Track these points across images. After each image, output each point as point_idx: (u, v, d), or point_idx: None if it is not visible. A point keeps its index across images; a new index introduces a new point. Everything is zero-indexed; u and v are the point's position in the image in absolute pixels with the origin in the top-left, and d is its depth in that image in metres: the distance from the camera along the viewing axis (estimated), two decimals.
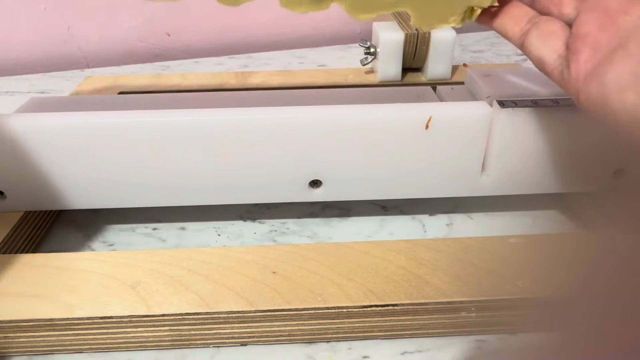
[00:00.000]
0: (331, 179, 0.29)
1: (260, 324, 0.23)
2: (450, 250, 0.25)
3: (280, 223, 0.32)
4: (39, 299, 0.23)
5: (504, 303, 0.23)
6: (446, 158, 0.28)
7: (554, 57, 0.22)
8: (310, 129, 0.27)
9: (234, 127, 0.27)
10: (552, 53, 0.22)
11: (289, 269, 0.24)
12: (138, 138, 0.27)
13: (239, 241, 0.30)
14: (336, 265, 0.24)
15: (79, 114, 0.27)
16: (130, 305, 0.22)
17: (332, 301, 0.22)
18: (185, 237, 0.31)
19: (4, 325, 0.22)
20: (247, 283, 0.23)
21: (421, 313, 0.23)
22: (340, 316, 0.23)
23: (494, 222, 0.31)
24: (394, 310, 0.23)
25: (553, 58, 0.22)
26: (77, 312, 0.22)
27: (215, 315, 0.22)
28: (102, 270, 0.24)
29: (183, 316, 0.22)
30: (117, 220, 0.32)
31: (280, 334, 0.23)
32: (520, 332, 0.15)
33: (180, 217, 0.32)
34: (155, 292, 0.23)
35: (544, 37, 0.22)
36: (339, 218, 0.32)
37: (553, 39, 0.22)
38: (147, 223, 0.32)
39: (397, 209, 0.33)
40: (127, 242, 0.30)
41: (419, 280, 0.23)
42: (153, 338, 0.23)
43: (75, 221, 0.32)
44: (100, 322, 0.22)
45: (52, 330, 0.22)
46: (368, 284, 0.23)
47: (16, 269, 0.24)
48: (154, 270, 0.24)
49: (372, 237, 0.31)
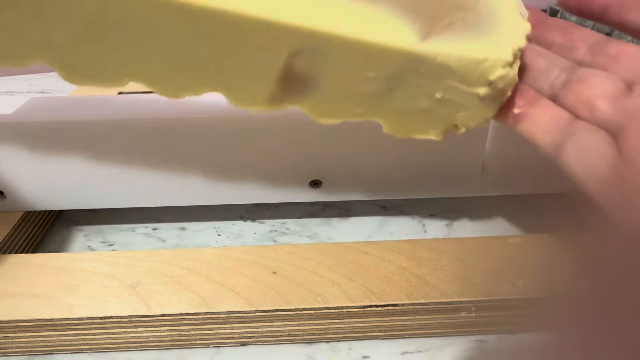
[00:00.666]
0: (331, 179, 0.29)
1: (260, 324, 0.23)
2: (450, 250, 0.25)
3: (280, 223, 0.32)
4: (39, 299, 0.23)
5: (504, 303, 0.23)
6: (446, 158, 0.28)
7: (600, 180, 0.18)
8: (310, 129, 0.27)
9: (234, 126, 0.27)
10: (598, 175, 0.18)
11: (289, 269, 0.24)
12: (138, 138, 0.27)
13: (239, 241, 0.30)
14: (336, 265, 0.24)
15: (79, 114, 0.27)
16: (130, 305, 0.22)
17: (332, 301, 0.22)
18: (185, 237, 0.31)
19: (4, 325, 0.22)
20: (247, 283, 0.23)
21: (421, 313, 0.23)
22: (340, 316, 0.23)
23: (494, 222, 0.31)
24: (394, 310, 0.23)
25: (600, 181, 0.18)
26: (77, 312, 0.22)
27: (215, 315, 0.22)
28: (102, 270, 0.24)
29: (183, 316, 0.22)
30: (117, 220, 0.32)
31: (280, 334, 0.23)
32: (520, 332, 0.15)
33: (180, 217, 0.32)
34: (155, 292, 0.23)
35: (585, 154, 0.18)
36: (339, 218, 0.32)
37: (597, 157, 0.18)
38: (147, 223, 0.32)
39: (397, 209, 0.33)
40: (127, 242, 0.30)
41: (419, 280, 0.23)
42: (153, 338, 0.23)
43: (75, 221, 0.32)
44: (100, 322, 0.22)
45: (52, 330, 0.22)
46: (368, 284, 0.23)
47: (16, 269, 0.24)
48: (154, 270, 0.24)
49: (372, 237, 0.31)
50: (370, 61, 0.20)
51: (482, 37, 0.20)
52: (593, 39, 0.21)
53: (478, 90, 0.20)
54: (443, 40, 0.20)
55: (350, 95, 0.21)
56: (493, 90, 0.20)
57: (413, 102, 0.22)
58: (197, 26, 0.19)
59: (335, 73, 0.21)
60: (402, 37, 0.20)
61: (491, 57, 0.20)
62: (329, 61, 0.20)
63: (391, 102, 0.22)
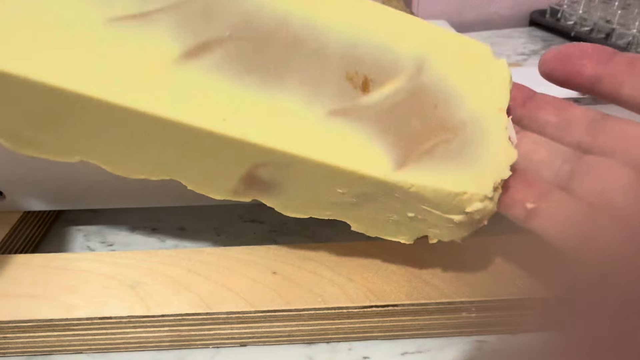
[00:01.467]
0: None
1: (260, 324, 0.23)
2: (451, 251, 0.25)
3: (280, 223, 0.32)
4: (38, 300, 0.23)
5: (504, 303, 0.23)
6: None
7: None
8: None
9: None
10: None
11: (289, 269, 0.24)
12: None
13: (239, 241, 0.30)
14: (336, 265, 0.24)
15: None
16: (129, 306, 0.22)
17: (332, 301, 0.22)
18: (185, 237, 0.31)
19: (3, 325, 0.22)
20: (246, 283, 0.23)
21: (421, 313, 0.23)
22: (340, 316, 0.23)
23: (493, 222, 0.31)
24: (394, 311, 0.23)
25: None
26: (76, 312, 0.22)
27: (215, 316, 0.22)
28: (101, 270, 0.24)
29: (182, 317, 0.22)
30: (117, 221, 0.32)
31: (280, 334, 0.23)
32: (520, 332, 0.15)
33: (180, 217, 0.32)
34: (155, 292, 0.23)
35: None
36: None
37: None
38: (147, 223, 0.32)
39: None
40: (127, 242, 0.30)
41: (419, 281, 0.23)
42: (152, 339, 0.23)
43: (74, 221, 0.32)
44: (100, 322, 0.22)
45: (51, 330, 0.22)
46: (368, 284, 0.23)
47: (15, 270, 0.24)
48: (154, 270, 0.24)
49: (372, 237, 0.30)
50: (339, 182, 0.19)
51: (463, 167, 0.19)
52: (588, 116, 0.20)
53: (453, 217, 0.20)
54: (420, 169, 0.19)
55: (317, 203, 0.21)
56: (469, 219, 0.20)
57: (383, 216, 0.21)
58: (152, 132, 0.18)
59: (301, 185, 0.20)
60: (375, 164, 0.19)
61: (469, 191, 0.19)
62: (295, 175, 0.19)
63: (359, 214, 0.21)
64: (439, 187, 0.19)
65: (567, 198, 0.19)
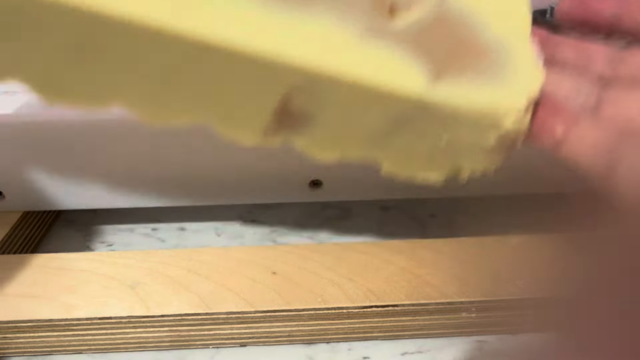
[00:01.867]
0: (331, 179, 0.29)
1: (260, 324, 0.23)
2: (451, 251, 0.25)
3: (280, 223, 0.32)
4: (38, 300, 0.23)
5: (504, 303, 0.23)
6: None
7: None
8: None
9: None
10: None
11: (289, 269, 0.24)
12: (138, 138, 0.27)
13: (239, 241, 0.30)
14: (336, 265, 0.24)
15: (79, 114, 0.27)
16: (129, 306, 0.22)
17: (332, 301, 0.22)
18: (185, 237, 0.31)
19: (3, 325, 0.22)
20: (246, 283, 0.23)
21: (421, 313, 0.23)
22: (340, 316, 0.23)
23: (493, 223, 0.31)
24: (394, 311, 0.23)
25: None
26: (76, 312, 0.22)
27: (215, 316, 0.22)
28: (101, 270, 0.24)
29: (182, 317, 0.22)
30: (117, 220, 0.32)
31: (280, 334, 0.23)
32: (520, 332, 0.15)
33: (180, 217, 0.32)
34: (155, 292, 0.23)
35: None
36: (339, 218, 0.32)
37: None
38: (147, 223, 0.32)
39: (397, 209, 0.33)
40: (127, 242, 0.30)
41: (419, 281, 0.23)
42: (152, 339, 0.23)
43: (74, 221, 0.32)
44: (99, 322, 0.22)
45: (51, 330, 0.22)
46: (368, 284, 0.23)
47: (15, 270, 0.24)
48: (153, 270, 0.24)
49: (372, 237, 0.31)
50: (375, 103, 0.19)
51: (495, 85, 0.19)
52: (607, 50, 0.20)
53: (488, 138, 0.20)
54: (454, 85, 0.19)
55: (351, 135, 0.21)
56: (503, 140, 0.20)
57: (417, 145, 0.21)
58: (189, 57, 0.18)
59: (336, 113, 0.20)
60: (411, 81, 0.19)
61: (505, 104, 0.19)
62: (330, 101, 0.19)
63: (393, 144, 0.21)
64: (474, 101, 0.19)
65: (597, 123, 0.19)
